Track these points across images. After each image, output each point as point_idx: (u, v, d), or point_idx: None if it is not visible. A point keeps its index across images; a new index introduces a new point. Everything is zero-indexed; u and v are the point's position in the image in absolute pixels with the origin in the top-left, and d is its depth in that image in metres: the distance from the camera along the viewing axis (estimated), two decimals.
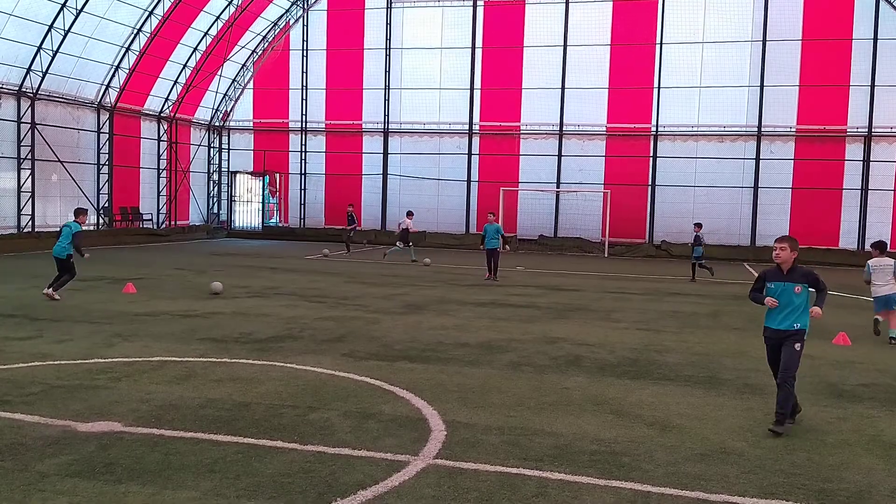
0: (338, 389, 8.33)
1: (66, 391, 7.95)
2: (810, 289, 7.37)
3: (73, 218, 15.01)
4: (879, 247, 12.89)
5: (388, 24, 35.71)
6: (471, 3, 34.71)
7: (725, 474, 6.01)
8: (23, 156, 27.61)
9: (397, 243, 26.36)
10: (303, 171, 37.67)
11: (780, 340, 7.38)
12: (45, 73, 27.56)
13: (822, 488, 5.78)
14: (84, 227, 15.37)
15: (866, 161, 31.03)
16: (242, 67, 37.30)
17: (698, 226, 22.94)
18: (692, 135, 32.73)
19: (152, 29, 30.68)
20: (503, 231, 21.58)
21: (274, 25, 36.78)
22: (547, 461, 6.19)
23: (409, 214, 27.42)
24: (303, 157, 37.60)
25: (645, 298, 17.61)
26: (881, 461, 6.45)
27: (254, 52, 37.10)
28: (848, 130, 31.17)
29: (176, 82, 34.22)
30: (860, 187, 31.16)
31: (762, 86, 31.70)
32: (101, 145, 31.32)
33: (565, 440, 6.77)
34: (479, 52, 34.79)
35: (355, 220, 30.67)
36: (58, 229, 15.94)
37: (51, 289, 14.47)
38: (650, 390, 8.73)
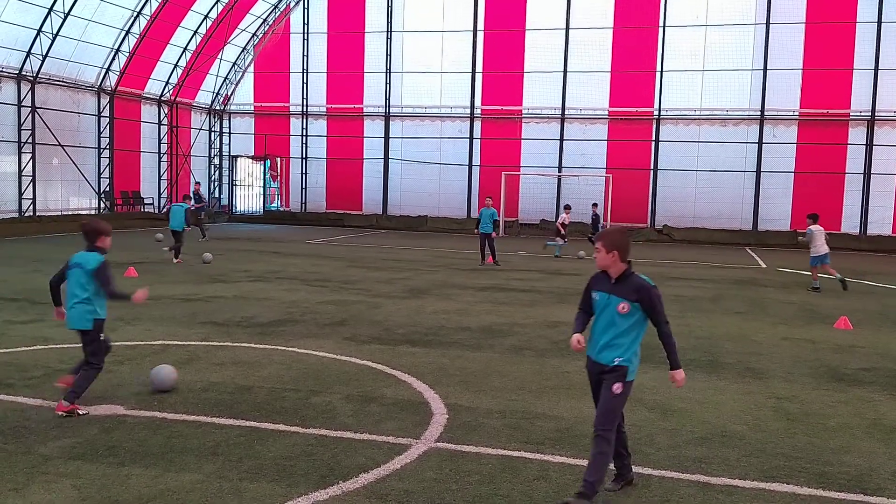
0: (339, 373, 8.35)
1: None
2: (665, 324, 5.21)
3: (183, 201, 21.35)
4: (814, 217, 17.30)
5: (389, 6, 35.50)
6: None
7: (726, 458, 6.03)
8: (23, 140, 27.56)
9: (557, 238, 23.76)
10: (304, 156, 37.60)
11: (598, 376, 5.16)
12: (44, 57, 27.46)
13: (823, 472, 5.79)
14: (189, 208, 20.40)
15: (869, 145, 30.91)
16: (243, 51, 37.13)
17: (595, 205, 25.66)
18: (695, 119, 32.61)
19: (152, 12, 30.51)
20: (497, 216, 21.32)
21: (274, 8, 36.57)
22: (548, 444, 6.21)
23: (567, 209, 24.92)
24: (304, 142, 37.51)
25: None
26: (882, 445, 6.47)
27: (254, 35, 36.91)
28: (851, 114, 31.04)
29: (176, 66, 34.08)
30: (863, 171, 31.07)
31: (765, 69, 31.53)
32: (101, 129, 31.25)
33: (566, 423, 6.79)
34: (480, 35, 34.60)
35: (202, 199, 27.90)
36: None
37: (176, 257, 19.06)
38: (651, 374, 8.73)
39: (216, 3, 33.15)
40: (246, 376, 8.10)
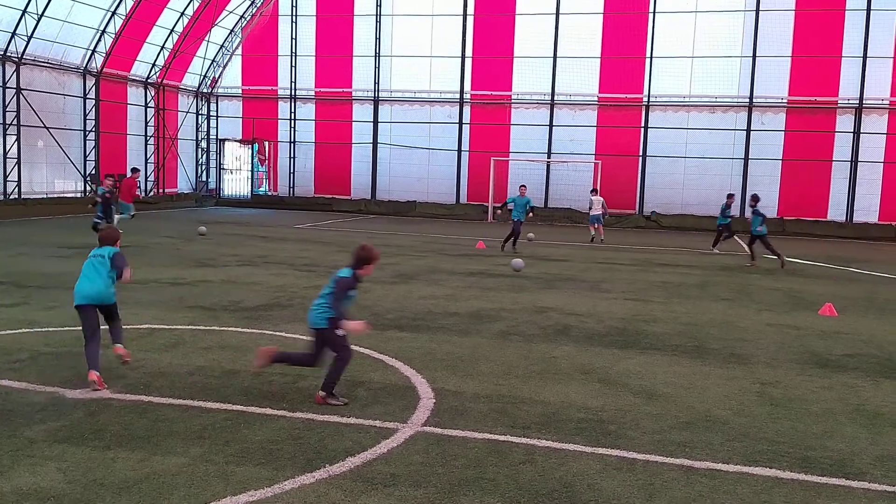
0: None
1: (55, 358, 7.94)
2: None
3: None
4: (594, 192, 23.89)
5: None
6: None
7: (710, 442, 6.09)
8: (8, 121, 27.26)
9: None
10: (292, 140, 37.38)
11: None
12: (30, 37, 27.11)
13: (806, 456, 5.85)
14: None
15: (856, 133, 31.03)
16: (230, 33, 36.78)
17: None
18: (684, 105, 32.62)
19: None
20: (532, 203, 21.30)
21: None
22: (534, 429, 6.25)
23: None
24: (292, 125, 37.29)
25: (633, 269, 17.67)
26: (864, 430, 6.54)
27: (242, 17, 36.55)
28: (839, 102, 31.12)
29: (163, 48, 33.74)
30: (850, 159, 31.21)
31: (754, 56, 31.54)
32: (87, 111, 30.94)
33: (553, 408, 6.82)
34: (470, 20, 34.42)
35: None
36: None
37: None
38: (637, 359, 8.80)
39: None
40: (233, 360, 8.09)
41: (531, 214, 21.25)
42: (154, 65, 33.99)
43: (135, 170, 24.10)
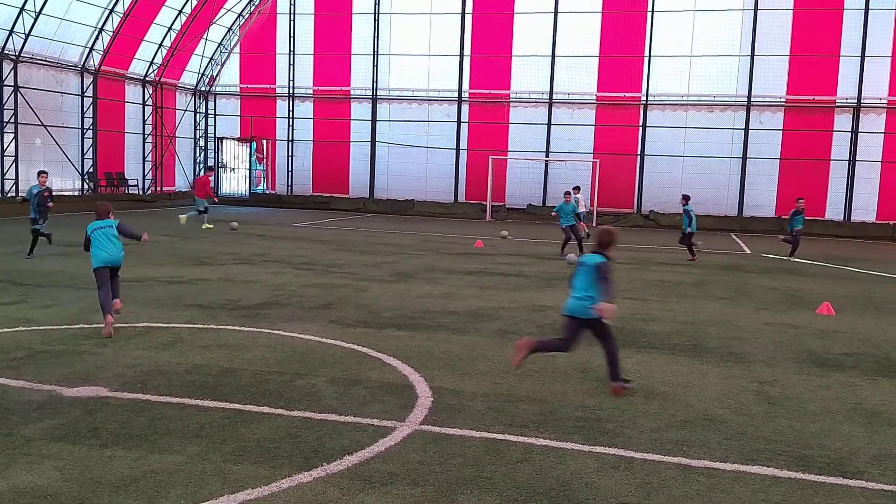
0: (325, 356, 8.35)
1: (52, 356, 7.93)
2: None
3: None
4: (577, 189, 22.57)
5: None
6: None
7: (707, 441, 6.09)
8: (6, 119, 27.20)
9: None
10: (290, 138, 37.33)
11: None
12: (27, 35, 27.06)
13: (803, 455, 5.86)
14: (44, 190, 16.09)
15: (854, 132, 31.04)
16: (229, 31, 36.71)
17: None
18: (682, 104, 32.62)
19: None
20: (578, 209, 20.75)
21: None
22: (532, 427, 6.25)
23: None
24: (290, 124, 37.24)
25: (631, 268, 17.67)
26: (862, 429, 6.54)
27: (240, 15, 36.49)
28: (837, 101, 31.13)
29: (161, 45, 33.67)
30: (848, 158, 31.23)
31: (752, 55, 31.54)
32: (85, 109, 30.89)
33: (550, 407, 6.82)
34: (468, 18, 34.40)
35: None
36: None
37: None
38: (635, 358, 8.80)
39: None
40: (230, 359, 8.08)
41: (581, 221, 21.10)
42: (152, 63, 33.93)
43: (209, 168, 27.31)
